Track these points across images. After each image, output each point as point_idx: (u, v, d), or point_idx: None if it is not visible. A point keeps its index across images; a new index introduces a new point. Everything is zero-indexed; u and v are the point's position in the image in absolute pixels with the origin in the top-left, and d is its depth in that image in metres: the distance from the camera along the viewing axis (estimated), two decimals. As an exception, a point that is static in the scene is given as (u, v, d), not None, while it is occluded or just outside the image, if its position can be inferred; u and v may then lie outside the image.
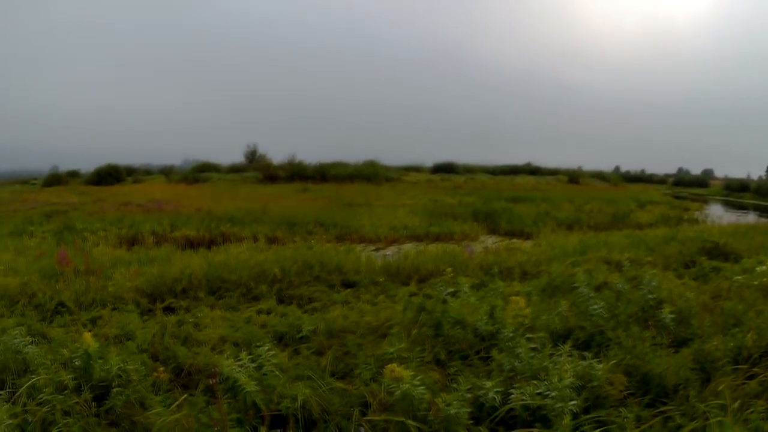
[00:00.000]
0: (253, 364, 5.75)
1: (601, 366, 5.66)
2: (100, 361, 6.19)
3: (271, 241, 20.29)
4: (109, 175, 67.90)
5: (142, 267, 13.67)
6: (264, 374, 5.77)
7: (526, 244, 19.78)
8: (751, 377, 6.00)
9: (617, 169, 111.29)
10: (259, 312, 10.38)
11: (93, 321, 9.88)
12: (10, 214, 31.17)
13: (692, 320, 7.74)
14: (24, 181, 73.17)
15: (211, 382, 5.12)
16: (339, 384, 6.14)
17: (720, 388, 5.62)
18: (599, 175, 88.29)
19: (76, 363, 6.27)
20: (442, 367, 6.72)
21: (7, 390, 5.94)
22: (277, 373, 5.92)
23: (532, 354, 5.93)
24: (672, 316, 7.49)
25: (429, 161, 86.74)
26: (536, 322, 7.59)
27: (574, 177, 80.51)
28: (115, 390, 5.83)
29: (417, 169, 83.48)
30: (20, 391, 5.80)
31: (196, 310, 10.42)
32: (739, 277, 11.26)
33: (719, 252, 15.54)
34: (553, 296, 9.75)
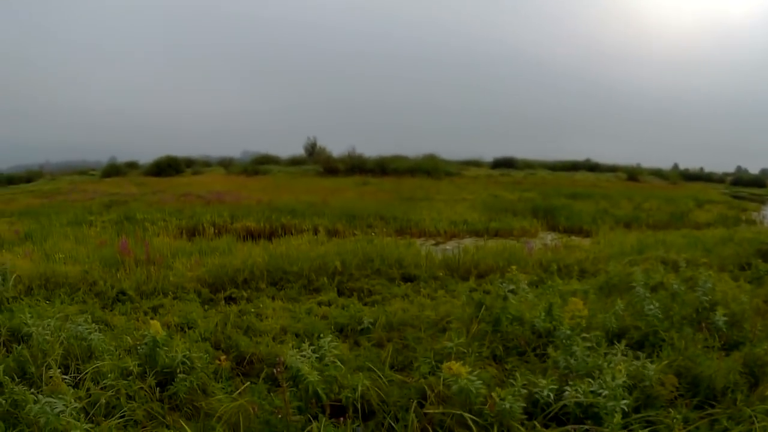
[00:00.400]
0: (315, 355, 5.87)
1: (653, 366, 5.66)
2: (164, 348, 6.39)
3: (332, 233, 20.39)
4: (168, 167, 67.94)
5: (202, 257, 13.98)
6: (326, 365, 5.87)
7: (585, 242, 19.60)
8: None
9: (676, 166, 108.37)
10: (320, 304, 10.54)
11: (154, 309, 10.15)
12: (70, 203, 32.00)
13: (745, 324, 7.63)
14: (82, 171, 74.28)
15: (275, 371, 5.24)
16: (398, 376, 6.27)
17: None
18: (658, 173, 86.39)
19: (141, 349, 6.51)
20: (499, 363, 6.79)
21: (71, 375, 6.10)
22: (338, 363, 6.02)
23: (588, 352, 5.96)
24: (725, 318, 7.39)
25: (489, 156, 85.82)
26: (592, 321, 7.58)
27: (633, 174, 78.98)
28: (179, 376, 6.05)
29: (477, 164, 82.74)
30: (85, 375, 6.02)
31: (257, 301, 10.62)
32: (794, 282, 11.05)
33: (776, 254, 15.23)
34: (610, 295, 9.66)
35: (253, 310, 9.91)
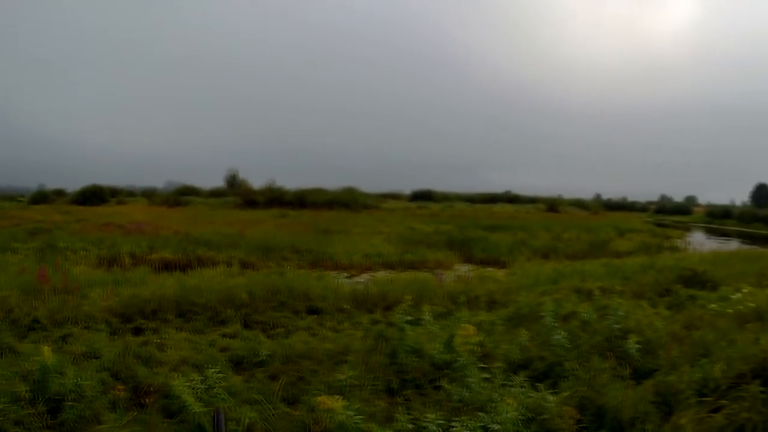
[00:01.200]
0: (202, 386, 5.74)
1: (553, 398, 5.56)
2: (57, 375, 6.24)
3: (246, 266, 20.37)
4: (94, 195, 68.46)
5: (117, 287, 13.75)
6: (212, 396, 5.81)
7: (500, 273, 19.90)
8: (717, 410, 5.82)
9: (598, 196, 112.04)
10: (224, 335, 10.56)
11: (64, 338, 9.99)
12: (-4, 230, 30.94)
13: (659, 351, 7.65)
14: (11, 197, 72.93)
15: (146, 400, 5.16)
16: (286, 409, 6.22)
17: (682, 421, 5.53)
18: (579, 203, 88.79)
19: (34, 376, 6.33)
20: (394, 396, 6.72)
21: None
22: (224, 395, 6.03)
23: (484, 384, 5.85)
24: (638, 346, 7.42)
25: (408, 189, 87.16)
26: (496, 352, 7.59)
27: (552, 205, 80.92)
28: (68, 404, 5.90)
29: (395, 197, 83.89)
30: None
31: (163, 332, 10.57)
32: (714, 306, 11.28)
33: (697, 280, 15.59)
34: (519, 326, 9.65)
35: (157, 340, 9.86)
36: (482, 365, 6.28)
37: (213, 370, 6.12)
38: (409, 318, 8.81)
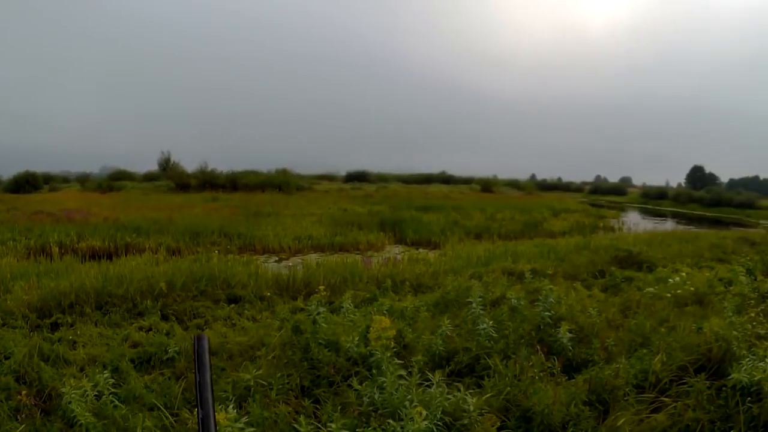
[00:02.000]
0: (94, 392, 5.34)
1: (473, 401, 5.11)
2: None
3: (173, 252, 20.33)
4: (27, 183, 66.54)
5: (40, 280, 13.17)
6: (103, 405, 5.45)
7: (432, 255, 19.81)
8: (659, 409, 5.49)
9: (533, 177, 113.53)
10: (140, 329, 10.18)
11: (-23, 338, 9.43)
12: None
13: (594, 339, 7.36)
14: (-63, 185, 70.49)
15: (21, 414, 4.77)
16: (186, 415, 5.85)
17: (620, 423, 5.20)
18: (514, 184, 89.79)
19: None
20: (305, 396, 6.36)
21: None
22: (116, 403, 5.69)
23: (399, 383, 5.35)
24: (570, 336, 7.10)
25: (343, 169, 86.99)
26: (417, 343, 7.25)
27: (487, 185, 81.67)
28: None
29: (330, 178, 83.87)
30: None
31: (78, 327, 10.14)
32: (652, 289, 11.15)
33: (633, 261, 15.69)
34: (445, 312, 9.43)
35: (70, 337, 9.45)
36: (399, 361, 5.76)
37: (104, 375, 5.65)
38: (327, 307, 8.44)
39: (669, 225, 39.93)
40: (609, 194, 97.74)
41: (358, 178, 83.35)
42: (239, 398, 5.96)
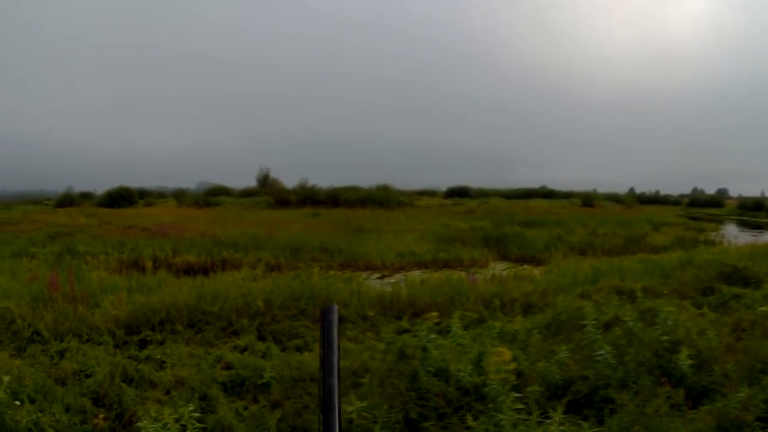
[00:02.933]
0: (177, 425, 4.92)
1: None
2: (8, 412, 5.49)
3: (273, 268, 19.85)
4: (121, 197, 67.94)
5: (131, 294, 13.02)
6: None
7: (537, 271, 19.09)
8: None
9: (632, 190, 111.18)
10: (235, 348, 9.69)
11: (61, 353, 9.21)
12: (17, 234, 31.07)
13: (714, 365, 6.56)
14: (37, 201, 73.24)
15: None
16: None
17: None
18: (613, 197, 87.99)
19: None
20: (413, 429, 5.80)
21: None
22: None
23: (517, 417, 4.82)
24: (690, 362, 6.40)
25: (443, 185, 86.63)
26: (532, 371, 6.64)
27: (588, 200, 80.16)
28: None
29: (431, 194, 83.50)
30: None
31: (169, 345, 9.74)
32: (764, 308, 10.16)
33: (739, 276, 14.66)
34: (558, 334, 8.86)
35: (158, 356, 9.06)
36: (516, 394, 5.21)
37: (188, 408, 5.19)
38: (435, 329, 7.88)
39: (768, 237, 38.08)
40: (706, 207, 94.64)
41: (458, 193, 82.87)
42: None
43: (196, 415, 5.13)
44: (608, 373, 6.43)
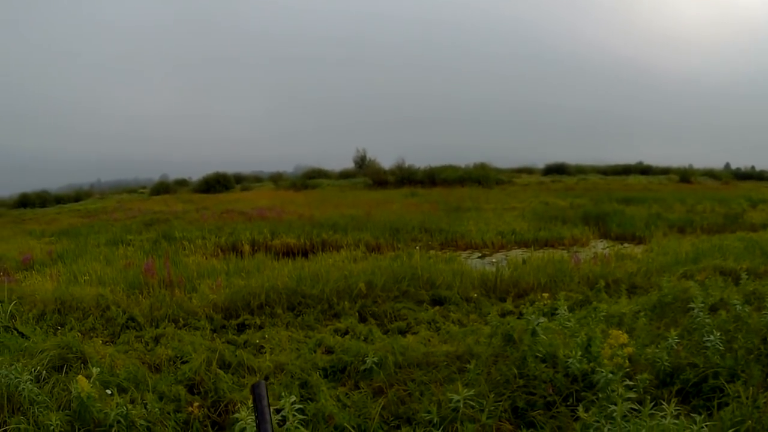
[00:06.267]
0: (277, 417, 4.79)
1: None
2: (97, 404, 5.50)
3: (372, 249, 19.79)
4: (218, 183, 68.33)
5: (230, 278, 13.23)
6: (287, 430, 4.80)
7: (637, 250, 18.58)
8: None
9: (728, 165, 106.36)
10: (336, 331, 9.67)
11: (156, 339, 9.40)
12: (112, 222, 31.95)
13: None
14: (132, 190, 74.97)
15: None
16: None
17: None
18: (710, 173, 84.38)
19: (73, 404, 5.61)
20: (520, 419, 5.56)
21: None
22: (301, 430, 4.90)
23: (630, 406, 4.54)
24: None
25: (541, 162, 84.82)
26: (641, 357, 6.26)
27: (685, 176, 77.22)
28: None
29: (529, 171, 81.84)
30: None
31: (268, 329, 9.79)
32: None
33: (844, 256, 13.93)
34: (663, 317, 8.52)
35: (257, 340, 9.05)
36: (628, 382, 4.85)
37: (290, 398, 5.03)
38: (541, 318, 7.64)
39: None
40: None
41: (557, 170, 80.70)
42: (446, 420, 5.35)
43: (298, 406, 5.00)
44: (717, 361, 6.09)
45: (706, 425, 4.34)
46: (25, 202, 58.41)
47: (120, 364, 7.19)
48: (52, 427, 5.20)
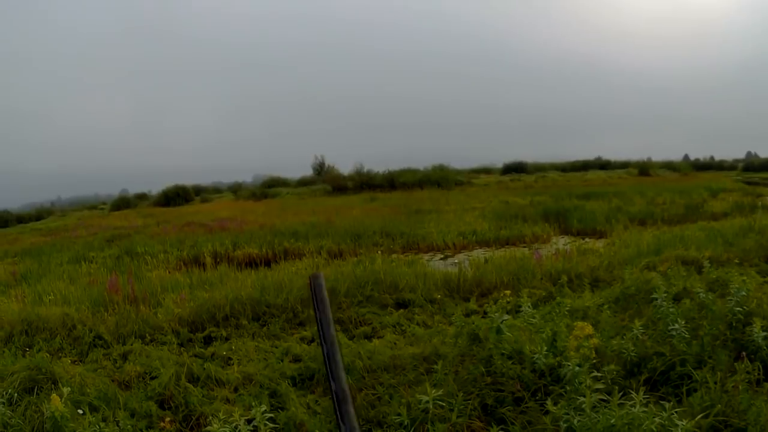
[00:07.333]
0: (248, 427, 4.77)
1: (684, 423, 4.24)
2: (69, 426, 5.42)
3: (335, 255, 19.64)
4: (177, 196, 68.20)
5: (193, 291, 13.07)
6: None
7: (599, 244, 18.89)
8: None
9: (686, 157, 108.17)
10: (302, 340, 9.63)
11: (124, 356, 9.23)
12: (73, 240, 31.38)
13: None
14: (93, 206, 74.36)
15: None
16: None
17: None
18: (669, 165, 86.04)
19: (46, 425, 5.54)
20: (490, 416, 5.59)
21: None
22: None
23: (598, 398, 4.63)
24: (765, 334, 6.10)
25: (499, 162, 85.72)
26: (606, 349, 6.38)
27: (644, 169, 78.70)
28: None
29: (487, 171, 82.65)
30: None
31: (233, 341, 9.72)
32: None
33: (803, 242, 14.28)
34: (627, 309, 8.67)
35: (224, 352, 9.01)
36: (595, 373, 5.02)
37: (260, 408, 5.01)
38: (505, 315, 7.71)
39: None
40: (762, 170, 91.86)
41: (515, 169, 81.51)
42: (416, 422, 5.36)
43: (269, 415, 4.99)
44: (683, 349, 6.20)
45: (675, 412, 4.38)
46: (-16, 222, 57.89)
47: (90, 383, 7.14)
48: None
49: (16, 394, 6.51)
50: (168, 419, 5.87)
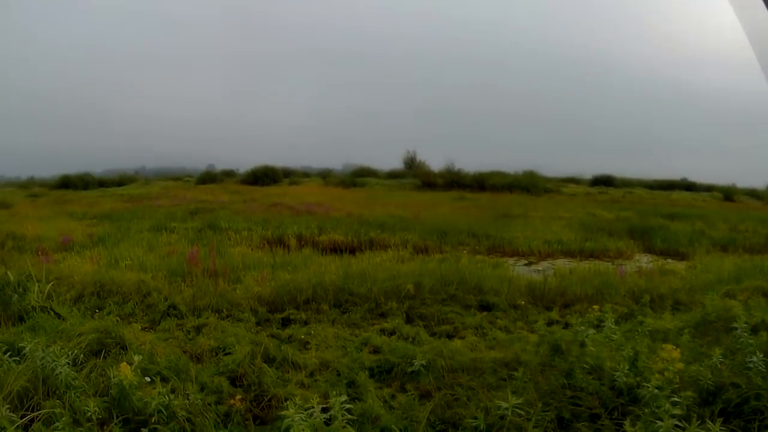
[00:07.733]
0: (325, 415, 4.71)
1: None
2: (137, 392, 5.47)
3: (419, 250, 19.46)
4: (266, 176, 67.35)
5: (275, 271, 13.23)
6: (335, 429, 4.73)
7: (680, 266, 18.10)
8: None
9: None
10: (382, 331, 9.63)
11: (198, 328, 9.41)
12: (155, 208, 31.27)
13: None
14: (177, 177, 75.09)
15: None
16: None
17: None
18: (752, 193, 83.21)
19: (112, 391, 5.58)
20: (565, 430, 5.51)
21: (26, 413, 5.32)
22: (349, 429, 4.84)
23: (673, 426, 4.49)
24: None
25: (588, 173, 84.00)
26: (685, 373, 6.16)
27: (728, 194, 76.21)
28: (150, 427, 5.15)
29: (576, 181, 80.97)
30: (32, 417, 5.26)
31: (314, 325, 9.79)
32: None
33: None
34: (706, 335, 8.39)
35: (302, 336, 9.05)
36: (674, 398, 4.94)
37: (339, 398, 4.85)
38: (590, 330, 7.51)
39: None
40: None
41: (604, 182, 79.72)
42: (493, 428, 5.30)
43: (348, 406, 4.90)
44: (759, 383, 5.96)
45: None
46: (66, 183, 57.98)
47: (160, 352, 7.24)
48: (89, 414, 5.16)
49: (82, 356, 6.60)
50: (239, 397, 5.89)
